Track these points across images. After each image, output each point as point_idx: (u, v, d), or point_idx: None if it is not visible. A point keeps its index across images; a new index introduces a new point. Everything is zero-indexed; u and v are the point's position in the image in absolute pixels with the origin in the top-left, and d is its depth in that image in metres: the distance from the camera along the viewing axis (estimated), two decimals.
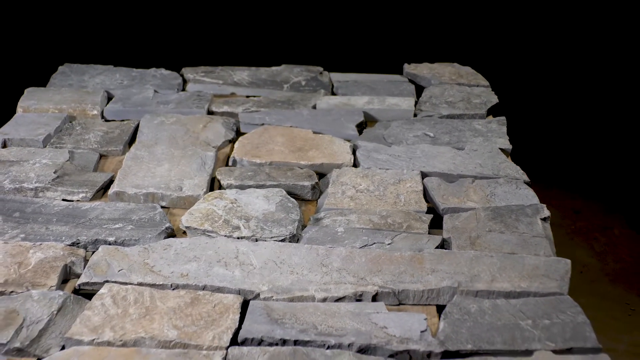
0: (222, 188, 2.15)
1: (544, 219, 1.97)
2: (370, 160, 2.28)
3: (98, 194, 2.12)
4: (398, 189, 2.11)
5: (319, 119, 2.56)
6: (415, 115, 2.67)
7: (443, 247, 1.88)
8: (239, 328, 1.54)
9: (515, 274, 1.71)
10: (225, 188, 2.13)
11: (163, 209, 2.02)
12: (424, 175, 2.20)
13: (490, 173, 2.21)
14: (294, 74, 2.99)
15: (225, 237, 1.86)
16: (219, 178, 2.17)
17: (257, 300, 1.63)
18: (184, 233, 1.94)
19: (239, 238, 1.86)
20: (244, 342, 1.51)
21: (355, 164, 2.30)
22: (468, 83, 2.94)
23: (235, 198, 2.01)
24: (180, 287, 1.68)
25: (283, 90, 2.86)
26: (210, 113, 2.66)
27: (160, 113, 2.59)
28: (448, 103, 2.74)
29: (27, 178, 2.12)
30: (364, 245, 1.83)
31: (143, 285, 1.67)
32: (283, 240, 1.86)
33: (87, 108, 2.61)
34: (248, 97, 2.82)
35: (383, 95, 2.79)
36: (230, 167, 2.27)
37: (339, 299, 1.65)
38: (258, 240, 1.85)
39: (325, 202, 2.05)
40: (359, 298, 1.66)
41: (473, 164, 2.26)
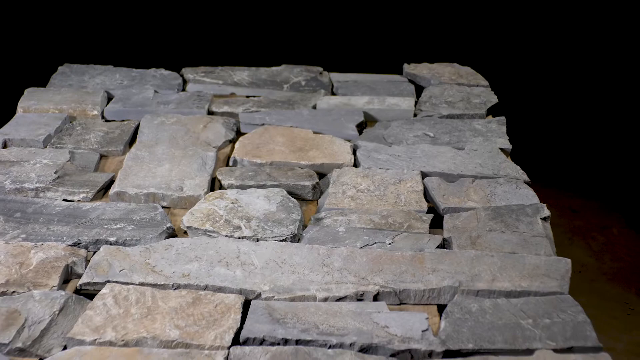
0: (222, 188, 2.15)
1: (544, 219, 1.98)
2: (371, 160, 2.28)
3: (99, 194, 2.12)
4: (398, 189, 2.11)
5: (319, 119, 2.56)
6: (415, 115, 2.67)
7: (444, 246, 1.89)
8: (241, 328, 1.55)
9: (516, 274, 1.72)
10: (226, 188, 2.13)
11: (164, 209, 2.02)
12: (424, 175, 2.20)
13: (491, 173, 2.22)
14: (294, 74, 2.99)
15: (227, 237, 1.86)
16: (220, 178, 2.17)
17: (258, 300, 1.64)
18: (185, 233, 1.94)
19: (240, 238, 1.86)
20: (246, 341, 1.52)
21: (356, 164, 2.31)
22: (468, 83, 2.94)
23: (236, 198, 2.02)
24: (182, 287, 1.68)
25: (283, 91, 2.86)
26: (211, 113, 2.66)
27: (161, 113, 2.59)
28: (448, 103, 2.74)
29: (27, 178, 2.12)
30: (365, 245, 1.84)
31: (144, 285, 1.68)
32: (284, 240, 1.86)
33: (87, 108, 2.61)
34: (248, 97, 2.82)
35: (383, 95, 2.80)
36: (231, 167, 2.27)
37: (340, 299, 1.65)
38: (259, 240, 1.85)
39: (326, 202, 2.05)
40: (360, 298, 1.66)
41: (473, 164, 2.26)
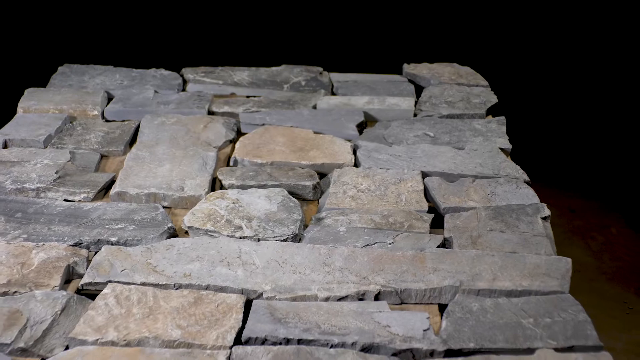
0: (223, 188, 2.16)
1: (545, 218, 1.98)
2: (371, 160, 2.28)
3: (100, 195, 2.12)
4: (399, 189, 2.11)
5: (320, 119, 2.56)
6: (415, 115, 2.67)
7: (444, 246, 1.89)
8: (243, 327, 1.55)
9: (517, 273, 1.72)
10: (227, 188, 2.14)
11: (165, 209, 2.02)
12: (425, 175, 2.21)
13: (491, 172, 2.22)
14: (294, 74, 3.00)
15: (228, 237, 1.86)
16: (221, 178, 2.17)
17: (260, 300, 1.64)
18: (186, 233, 1.94)
19: (242, 238, 1.86)
20: (248, 341, 1.52)
21: (356, 164, 2.31)
22: (467, 83, 2.94)
23: (237, 198, 2.02)
24: (184, 286, 1.68)
25: (283, 91, 2.86)
26: (211, 113, 2.66)
27: (161, 113, 2.59)
28: (448, 103, 2.75)
29: (28, 178, 2.12)
30: (366, 245, 1.84)
31: (146, 285, 1.68)
32: (285, 240, 1.86)
33: (87, 108, 2.61)
34: (248, 97, 2.82)
35: (383, 95, 2.80)
36: (232, 167, 2.28)
37: (342, 298, 1.66)
38: (260, 240, 1.86)
39: (327, 201, 2.06)
40: (362, 297, 1.67)
41: (473, 164, 2.27)
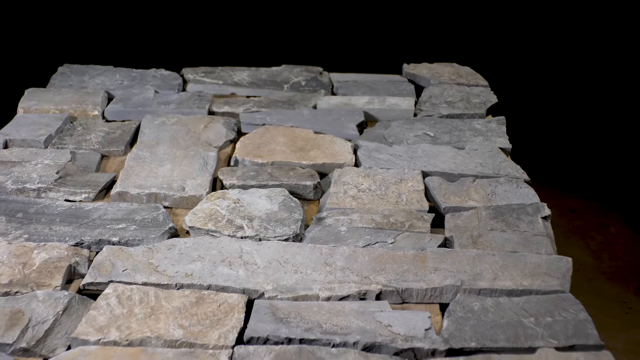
0: (224, 188, 2.16)
1: (545, 218, 1.99)
2: (372, 160, 2.29)
3: (100, 195, 2.12)
4: (400, 189, 2.12)
5: (320, 119, 2.57)
6: (415, 115, 2.68)
7: (445, 246, 1.90)
8: (244, 327, 1.55)
9: (518, 272, 1.73)
10: (228, 188, 2.14)
11: (166, 209, 2.02)
12: (425, 175, 2.21)
13: (491, 172, 2.22)
14: (294, 74, 3.00)
15: (229, 236, 1.87)
16: (221, 178, 2.17)
17: (261, 300, 1.64)
18: (187, 233, 1.94)
19: (243, 238, 1.87)
20: (250, 341, 1.52)
21: (357, 164, 2.31)
22: (467, 83, 2.95)
23: (238, 198, 2.02)
24: (185, 286, 1.68)
25: (283, 91, 2.87)
26: (211, 113, 2.66)
27: (161, 113, 2.59)
28: (448, 103, 2.75)
29: (29, 179, 2.12)
30: (367, 245, 1.84)
31: (148, 285, 1.68)
32: (286, 240, 1.87)
33: (87, 108, 2.61)
34: (248, 97, 2.82)
35: (383, 95, 2.80)
36: (232, 167, 2.28)
37: (343, 298, 1.66)
38: (262, 240, 1.86)
39: (328, 201, 2.06)
40: (363, 297, 1.67)
41: (473, 163, 2.27)
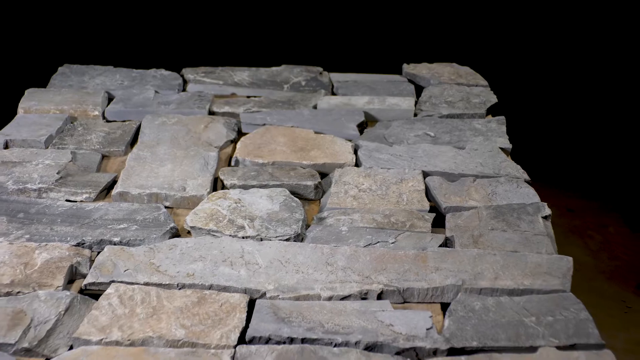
0: (225, 188, 2.16)
1: (545, 217, 2.00)
2: (372, 160, 2.29)
3: (101, 195, 2.12)
4: (400, 188, 2.12)
5: (320, 119, 2.57)
6: (416, 115, 2.68)
7: (446, 245, 1.90)
8: (246, 327, 1.56)
9: (518, 272, 1.73)
10: (229, 188, 2.14)
11: (167, 209, 2.02)
12: (426, 175, 2.22)
13: (491, 172, 2.23)
14: (294, 74, 3.00)
15: (230, 236, 1.87)
16: (222, 178, 2.17)
17: (263, 299, 1.65)
18: (189, 233, 1.94)
19: (244, 237, 1.87)
20: (252, 340, 1.52)
21: (357, 164, 2.31)
22: (467, 83, 2.95)
23: (239, 198, 2.02)
24: (187, 286, 1.69)
25: (283, 91, 2.87)
26: (212, 113, 2.66)
27: (162, 113, 2.59)
28: (448, 103, 2.76)
29: (30, 179, 2.12)
30: (368, 244, 1.85)
31: (149, 285, 1.68)
32: (288, 240, 1.87)
33: (88, 109, 2.61)
34: (249, 97, 2.82)
35: (383, 95, 2.80)
36: (233, 167, 2.28)
37: (345, 298, 1.66)
38: (263, 240, 1.86)
39: (329, 201, 2.06)
40: (364, 296, 1.67)
41: (474, 163, 2.28)
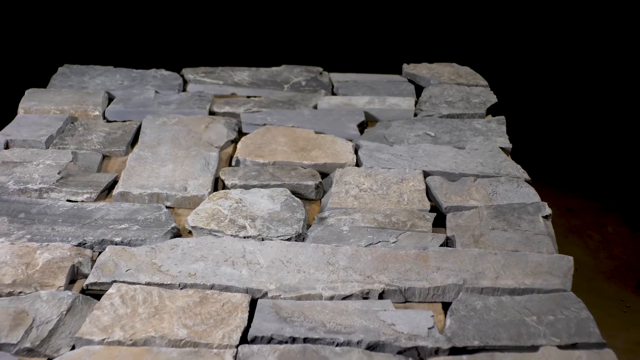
0: (226, 188, 2.16)
1: (546, 217, 2.00)
2: (373, 160, 2.29)
3: (102, 195, 2.12)
4: (401, 188, 2.13)
5: (320, 119, 2.57)
6: (416, 115, 2.68)
7: (447, 245, 1.90)
8: (248, 326, 1.56)
9: (519, 271, 1.74)
10: (230, 188, 2.14)
11: (168, 209, 2.03)
12: (426, 174, 2.22)
13: (492, 172, 2.23)
14: (294, 74, 3.00)
15: (232, 236, 1.87)
16: (223, 178, 2.18)
17: (265, 299, 1.65)
18: (190, 233, 1.94)
19: (246, 237, 1.87)
20: (254, 340, 1.53)
21: (358, 164, 2.32)
22: (467, 83, 2.96)
23: (240, 198, 2.03)
24: (189, 286, 1.69)
25: (284, 91, 2.87)
26: (212, 113, 2.67)
27: (162, 114, 2.60)
28: (448, 103, 2.76)
29: (31, 179, 2.12)
30: (370, 244, 1.85)
31: (151, 285, 1.68)
32: (289, 239, 1.87)
33: (88, 109, 2.61)
34: (249, 97, 2.83)
35: (383, 95, 2.81)
36: (234, 167, 2.28)
37: (346, 297, 1.66)
38: (264, 240, 1.86)
39: (330, 201, 2.06)
40: (366, 296, 1.68)
41: (474, 163, 2.28)
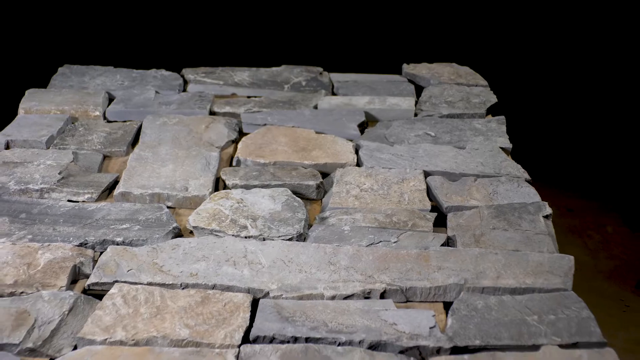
0: (226, 188, 2.16)
1: (546, 217, 2.01)
2: (373, 160, 2.30)
3: (103, 195, 2.12)
4: (402, 188, 2.13)
5: (321, 119, 2.57)
6: (416, 115, 2.69)
7: (448, 244, 1.91)
8: (250, 326, 1.56)
9: (520, 271, 1.74)
10: (231, 188, 2.14)
11: (169, 209, 2.03)
12: (427, 174, 2.22)
13: (492, 171, 2.24)
14: (294, 75, 3.01)
15: (233, 236, 1.87)
16: (224, 178, 2.18)
17: (266, 299, 1.65)
18: (191, 233, 1.95)
19: (247, 237, 1.87)
20: (256, 340, 1.53)
21: (358, 164, 2.32)
22: (467, 83, 2.96)
23: (242, 198, 2.03)
24: (190, 286, 1.69)
25: (284, 91, 2.87)
26: (212, 113, 2.67)
27: (163, 114, 2.60)
28: (448, 103, 2.76)
29: (32, 179, 2.12)
30: (371, 244, 1.85)
31: (153, 285, 1.69)
32: (290, 239, 1.87)
33: (89, 109, 2.61)
34: (249, 97, 2.83)
35: (383, 95, 2.81)
36: (235, 167, 2.28)
37: (348, 297, 1.67)
38: (266, 240, 1.87)
39: (330, 201, 2.07)
40: (367, 296, 1.68)
41: (475, 163, 2.29)
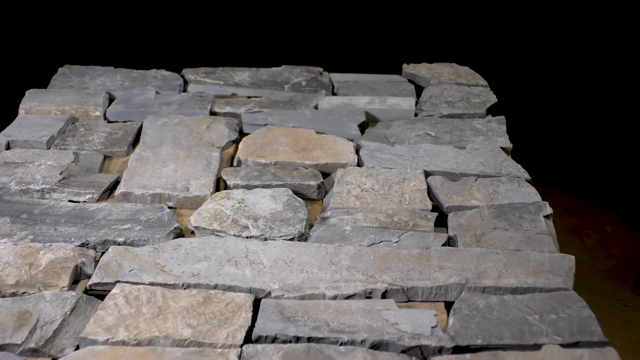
0: (227, 188, 2.17)
1: (547, 216, 2.01)
2: (374, 160, 2.30)
3: (104, 195, 2.12)
4: (403, 188, 2.13)
5: (321, 119, 2.58)
6: (416, 115, 2.69)
7: (449, 244, 1.91)
8: (252, 326, 1.56)
9: (521, 270, 1.74)
10: (232, 188, 2.15)
11: (170, 209, 2.03)
12: (427, 174, 2.23)
13: (493, 171, 2.24)
14: (295, 75, 3.01)
15: (235, 236, 1.87)
16: (225, 178, 2.18)
17: (268, 299, 1.65)
18: (192, 233, 1.95)
19: (248, 237, 1.88)
20: (258, 339, 1.53)
21: (359, 164, 2.32)
22: (467, 83, 2.97)
23: (243, 198, 2.03)
24: (192, 286, 1.69)
25: (284, 91, 2.88)
26: (213, 114, 2.67)
27: (163, 114, 2.60)
28: (448, 103, 2.77)
29: (33, 180, 2.12)
30: (372, 244, 1.86)
31: (155, 285, 1.69)
32: (292, 239, 1.88)
33: (89, 109, 2.61)
34: (249, 97, 2.83)
35: (384, 95, 2.82)
36: (236, 167, 2.29)
37: (349, 297, 1.67)
38: (267, 240, 1.87)
39: (332, 201, 2.07)
40: (369, 295, 1.68)
41: (475, 163, 2.29)
